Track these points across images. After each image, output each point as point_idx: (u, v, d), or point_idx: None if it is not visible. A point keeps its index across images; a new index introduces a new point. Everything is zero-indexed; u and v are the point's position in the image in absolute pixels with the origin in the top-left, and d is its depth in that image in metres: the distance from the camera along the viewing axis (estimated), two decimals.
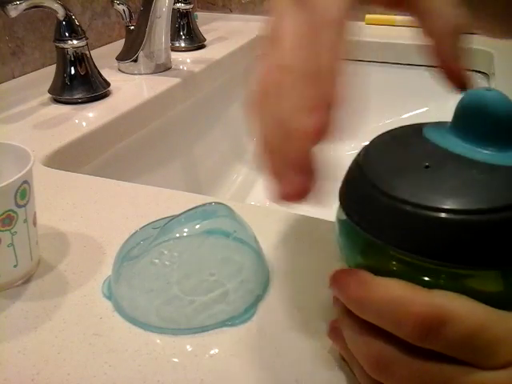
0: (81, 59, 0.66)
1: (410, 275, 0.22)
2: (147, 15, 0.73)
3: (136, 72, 0.78)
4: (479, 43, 0.85)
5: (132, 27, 0.77)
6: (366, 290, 0.22)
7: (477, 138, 0.23)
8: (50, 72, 0.70)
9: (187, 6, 0.90)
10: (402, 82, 0.96)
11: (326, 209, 0.25)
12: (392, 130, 0.27)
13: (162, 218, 0.38)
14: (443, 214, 0.20)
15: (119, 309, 0.32)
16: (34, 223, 0.36)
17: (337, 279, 0.24)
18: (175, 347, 0.30)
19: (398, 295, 0.21)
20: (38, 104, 0.66)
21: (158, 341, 0.30)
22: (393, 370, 0.22)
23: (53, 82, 0.67)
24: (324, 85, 0.22)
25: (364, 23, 1.08)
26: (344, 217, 0.25)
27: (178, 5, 0.89)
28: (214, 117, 0.91)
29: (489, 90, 0.23)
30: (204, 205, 0.37)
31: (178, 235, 0.33)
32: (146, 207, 0.44)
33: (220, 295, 0.32)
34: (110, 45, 0.94)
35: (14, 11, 0.55)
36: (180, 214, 0.35)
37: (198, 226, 0.34)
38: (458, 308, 0.20)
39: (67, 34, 0.65)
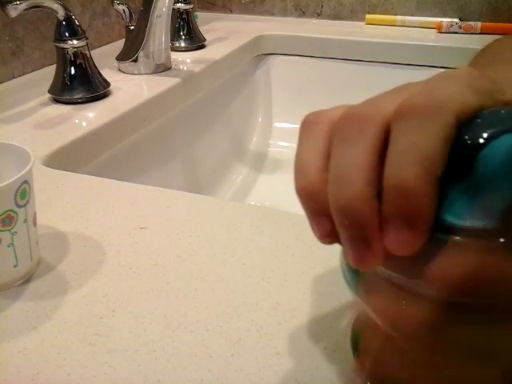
0: (81, 59, 0.66)
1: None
2: (147, 15, 0.73)
3: (136, 72, 0.78)
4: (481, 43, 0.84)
5: (132, 27, 0.77)
6: None
7: None
8: (50, 72, 0.70)
9: (187, 6, 0.90)
10: (402, 82, 0.96)
11: None
12: None
13: None
14: None
15: None
16: (34, 223, 0.36)
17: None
18: (175, 347, 0.30)
19: None
20: (37, 104, 0.66)
21: (158, 341, 0.31)
22: None
23: (53, 81, 0.67)
24: None
25: (364, 23, 1.08)
26: None
27: (178, 5, 0.89)
28: (213, 117, 0.91)
29: None
30: None
31: None
32: (146, 207, 0.44)
33: None
34: (110, 45, 0.94)
35: (13, 11, 0.55)
36: None
37: None
38: None
39: (67, 34, 0.65)
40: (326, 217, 0.20)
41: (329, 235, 0.21)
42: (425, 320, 0.20)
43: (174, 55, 0.85)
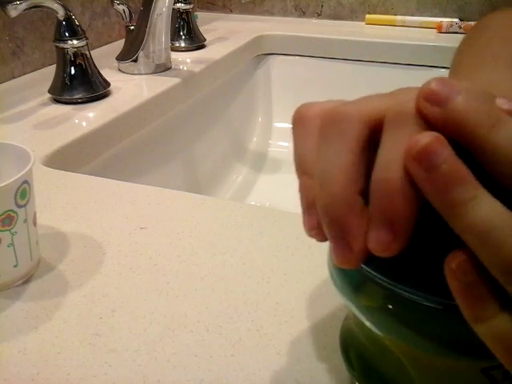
0: (81, 59, 0.66)
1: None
2: (147, 15, 0.73)
3: (136, 72, 0.78)
4: None
5: (132, 27, 0.77)
6: None
7: None
8: (50, 72, 0.70)
9: (187, 6, 0.90)
10: (402, 82, 0.96)
11: None
12: None
13: None
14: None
15: None
16: (34, 223, 0.36)
17: None
18: (175, 347, 0.30)
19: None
20: (37, 104, 0.66)
21: (158, 341, 0.31)
22: None
23: (53, 81, 0.67)
24: None
25: (364, 23, 1.08)
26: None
27: (178, 5, 0.89)
28: (213, 117, 0.91)
29: None
30: None
31: None
32: (145, 207, 0.44)
33: None
34: (110, 45, 0.94)
35: (14, 11, 0.55)
36: None
37: None
38: None
39: (67, 34, 0.65)
40: (315, 209, 0.20)
41: (315, 227, 0.21)
42: None
43: (174, 55, 0.85)
